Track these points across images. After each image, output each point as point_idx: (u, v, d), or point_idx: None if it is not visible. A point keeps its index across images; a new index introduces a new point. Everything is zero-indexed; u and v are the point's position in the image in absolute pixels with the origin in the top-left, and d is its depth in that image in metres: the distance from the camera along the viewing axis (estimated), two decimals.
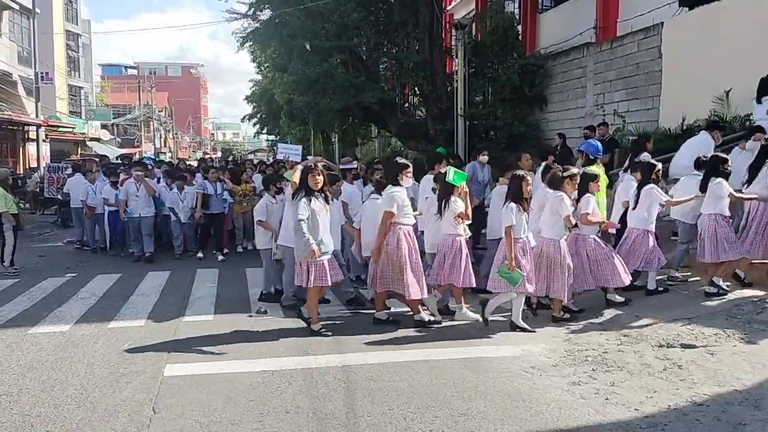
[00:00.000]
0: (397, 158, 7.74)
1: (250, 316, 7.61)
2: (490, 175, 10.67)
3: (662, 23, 12.79)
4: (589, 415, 4.47)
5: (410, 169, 7.04)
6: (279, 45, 19.51)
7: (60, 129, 34.45)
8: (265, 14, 19.52)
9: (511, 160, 9.15)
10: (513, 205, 6.54)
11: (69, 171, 17.12)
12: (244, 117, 43.76)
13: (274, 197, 8.62)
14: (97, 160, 21.59)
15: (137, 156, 37.57)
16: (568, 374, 5.30)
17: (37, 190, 21.11)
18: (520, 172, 6.85)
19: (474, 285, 7.16)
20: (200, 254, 11.96)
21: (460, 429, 4.31)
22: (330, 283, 6.72)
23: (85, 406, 4.78)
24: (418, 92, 19.77)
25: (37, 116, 28.28)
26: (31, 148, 29.98)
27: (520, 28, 18.96)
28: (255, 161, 20.80)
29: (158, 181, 13.13)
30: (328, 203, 6.79)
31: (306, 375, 5.38)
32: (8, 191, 10.92)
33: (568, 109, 15.92)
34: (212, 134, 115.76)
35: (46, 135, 31.44)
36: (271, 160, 32.83)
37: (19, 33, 32.12)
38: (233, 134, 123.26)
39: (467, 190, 7.16)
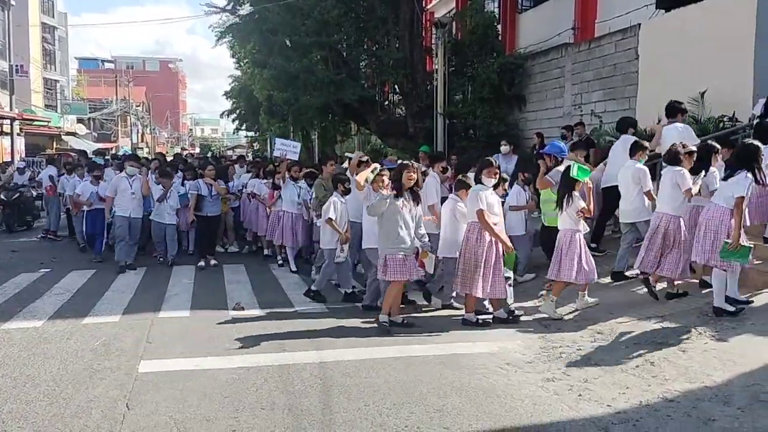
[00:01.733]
0: (486, 157, 7.65)
1: (223, 320, 7.57)
2: (515, 167, 10.51)
3: (639, 25, 12.93)
4: (562, 411, 4.52)
5: (494, 168, 7.06)
6: (259, 41, 19.37)
7: (35, 123, 33.91)
8: (245, 9, 19.39)
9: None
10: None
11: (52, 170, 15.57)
12: (223, 113, 43.28)
13: (342, 196, 8.28)
14: (73, 155, 21.33)
15: (114, 151, 37.16)
16: (543, 371, 5.35)
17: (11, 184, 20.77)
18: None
19: (589, 282, 7.21)
20: (202, 263, 10.54)
21: (436, 425, 4.33)
22: (412, 278, 6.91)
23: (57, 402, 4.73)
24: (398, 90, 19.79)
25: (11, 109, 27.87)
26: (5, 141, 29.50)
27: (499, 27, 19.04)
28: (234, 156, 20.70)
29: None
30: (417, 202, 6.86)
31: (282, 371, 5.38)
32: None
33: (547, 108, 16.03)
34: (191, 130, 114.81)
35: (21, 129, 30.94)
36: (251, 156, 32.68)
37: None
38: (212, 130, 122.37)
39: (590, 185, 7.25)
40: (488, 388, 4.98)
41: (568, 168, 7.13)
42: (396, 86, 19.63)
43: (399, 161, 9.89)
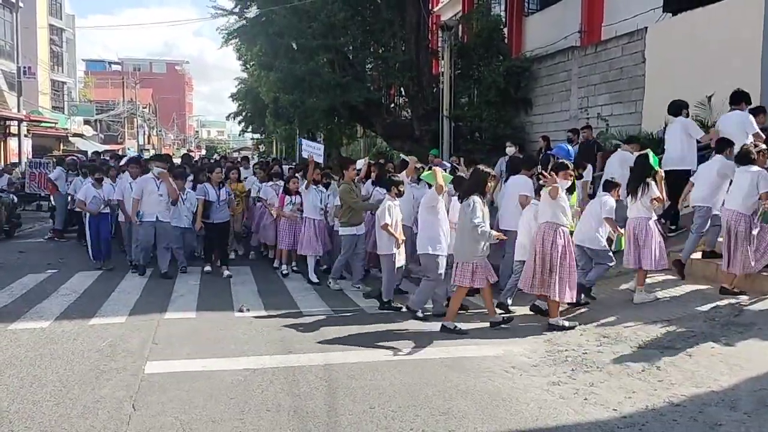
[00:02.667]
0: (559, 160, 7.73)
1: (229, 321, 7.58)
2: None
3: (646, 28, 12.92)
4: (568, 415, 4.51)
5: (570, 171, 7.08)
6: (265, 43, 19.43)
7: (42, 124, 34.11)
8: (252, 12, 19.44)
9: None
10: None
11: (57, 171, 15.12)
12: (229, 115, 43.49)
13: (395, 199, 7.89)
14: (79, 156, 21.34)
15: (120, 152, 37.26)
16: (548, 374, 5.35)
17: (18, 185, 20.85)
18: None
19: (667, 267, 7.29)
20: (208, 267, 10.10)
21: (441, 428, 4.33)
22: (492, 281, 6.84)
23: (64, 403, 4.75)
24: (404, 93, 19.83)
25: (19, 111, 28.00)
26: (13, 143, 29.67)
27: (506, 30, 19.05)
28: (239, 158, 20.53)
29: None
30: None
31: (288, 373, 5.38)
32: None
33: (553, 112, 16.03)
34: (197, 132, 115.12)
35: (28, 130, 31.11)
36: (256, 158, 32.72)
37: (2, 26, 31.82)
38: (218, 132, 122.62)
39: (662, 174, 7.34)
40: (493, 391, 4.98)
41: (644, 156, 7.15)
42: (402, 89, 19.67)
43: (441, 162, 9.72)
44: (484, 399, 4.82)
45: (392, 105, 20.62)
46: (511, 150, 10.55)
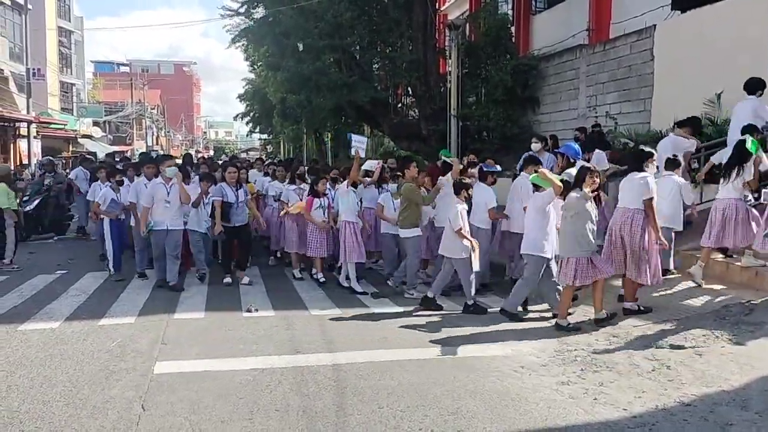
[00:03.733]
0: (642, 146, 7.80)
1: (237, 321, 7.59)
2: (555, 162, 10.44)
3: (654, 26, 12.86)
4: (577, 415, 4.49)
5: (655, 158, 7.16)
6: (272, 43, 19.46)
7: (51, 126, 34.26)
8: (259, 12, 19.48)
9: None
10: None
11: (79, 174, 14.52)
12: (237, 116, 43.62)
13: (464, 203, 7.75)
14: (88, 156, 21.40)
15: (129, 154, 37.42)
16: (558, 374, 5.33)
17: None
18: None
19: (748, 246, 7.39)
20: (228, 279, 9.27)
21: (450, 428, 4.32)
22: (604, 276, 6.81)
23: (74, 403, 4.76)
24: (411, 92, 19.80)
25: (28, 113, 28.13)
26: (22, 144, 29.81)
27: (513, 29, 19.00)
28: (249, 158, 20.47)
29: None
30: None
31: (296, 373, 5.39)
32: (10, 188, 10.90)
33: (561, 110, 15.97)
34: (204, 132, 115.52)
35: (38, 132, 31.26)
36: (265, 158, 32.79)
37: (11, 29, 31.97)
38: (226, 132, 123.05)
39: (763, 158, 7.42)
40: (502, 391, 4.97)
41: (743, 141, 7.26)
42: (409, 88, 19.64)
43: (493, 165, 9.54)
44: (493, 399, 4.80)
45: (399, 105, 20.59)
46: (536, 146, 10.46)
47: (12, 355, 5.93)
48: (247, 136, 63.13)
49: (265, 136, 52.45)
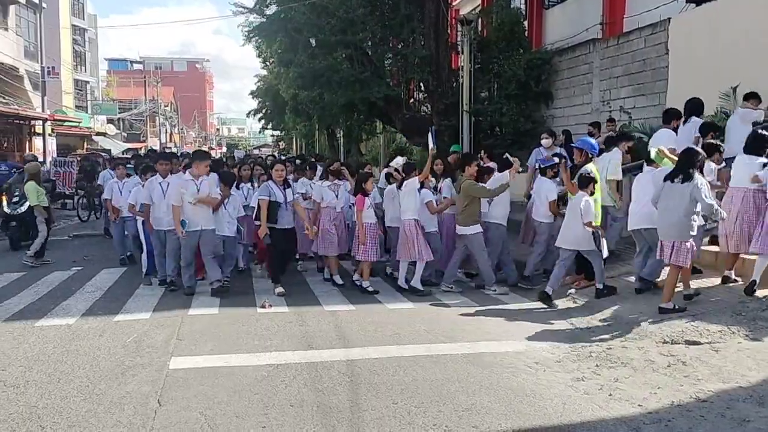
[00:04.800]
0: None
1: (252, 317, 7.63)
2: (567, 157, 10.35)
3: (669, 19, 12.74)
4: (592, 411, 4.47)
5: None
6: (284, 40, 19.48)
7: (66, 123, 34.55)
8: (271, 9, 19.50)
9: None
10: None
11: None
12: (250, 112, 43.77)
13: (589, 195, 7.72)
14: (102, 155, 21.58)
15: (143, 151, 37.66)
16: (572, 370, 5.31)
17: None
18: None
19: None
20: (280, 289, 8.37)
21: (464, 424, 4.32)
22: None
23: (91, 398, 4.81)
24: (423, 88, 19.75)
25: (43, 110, 28.39)
26: (38, 142, 30.08)
27: (525, 24, 18.90)
28: (260, 155, 20.46)
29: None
30: None
31: (310, 369, 5.41)
32: (40, 185, 11.05)
33: (574, 105, 15.89)
34: (217, 129, 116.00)
35: (53, 129, 31.54)
36: (277, 154, 32.87)
37: (26, 27, 32.20)
38: (238, 129, 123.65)
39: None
40: (517, 387, 4.96)
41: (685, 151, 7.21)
42: (421, 84, 19.58)
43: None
44: (508, 395, 4.79)
45: (411, 100, 20.55)
46: (546, 141, 10.41)
47: (30, 351, 5.99)
48: (259, 132, 63.51)
49: (277, 132, 52.59)
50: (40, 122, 28.87)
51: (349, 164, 11.69)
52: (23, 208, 11.86)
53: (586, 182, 7.66)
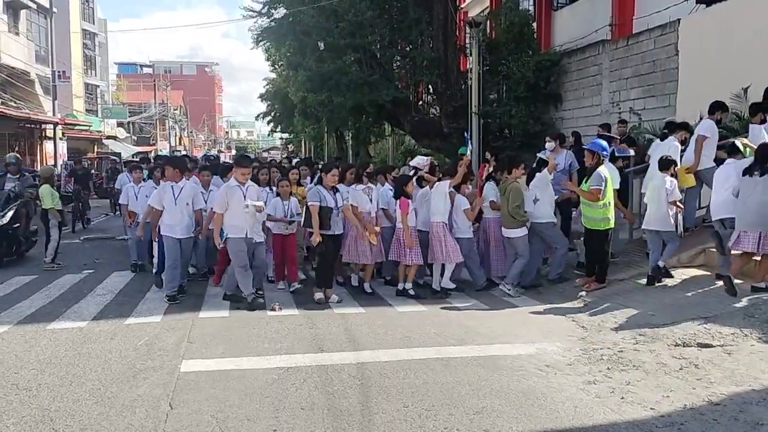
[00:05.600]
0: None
1: (262, 320, 7.63)
2: (573, 159, 10.19)
3: (679, 20, 12.68)
4: (604, 414, 4.45)
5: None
6: (293, 43, 19.55)
7: (76, 127, 34.79)
8: (280, 12, 19.57)
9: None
10: None
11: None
12: (258, 115, 43.98)
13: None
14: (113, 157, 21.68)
15: (152, 154, 37.82)
16: (584, 373, 5.28)
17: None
18: None
19: None
20: (320, 294, 8.10)
21: (475, 427, 4.31)
22: None
23: (102, 401, 4.83)
24: (431, 90, 19.74)
25: (54, 114, 28.58)
26: (48, 146, 30.30)
27: (534, 25, 18.86)
28: (280, 159, 20.27)
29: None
30: None
31: (321, 372, 5.41)
32: (53, 188, 11.13)
33: (583, 107, 15.83)
34: (226, 132, 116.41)
35: (63, 133, 31.74)
36: (285, 157, 32.99)
37: (37, 32, 32.45)
38: (247, 132, 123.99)
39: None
40: (528, 390, 4.94)
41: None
42: (430, 86, 19.58)
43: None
44: (519, 398, 4.78)
45: (420, 103, 20.54)
46: (550, 145, 10.39)
47: (42, 354, 6.03)
48: (268, 135, 63.57)
49: (286, 135, 52.78)
50: (51, 126, 29.06)
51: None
52: (5, 220, 10.86)
53: (667, 164, 8.00)
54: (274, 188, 9.21)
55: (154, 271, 9.24)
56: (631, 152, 9.16)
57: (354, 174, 9.10)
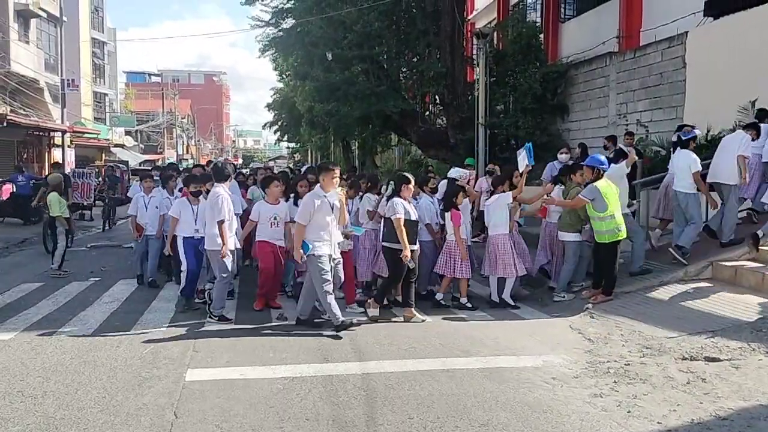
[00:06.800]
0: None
1: (267, 330, 7.63)
2: None
3: (686, 33, 12.71)
4: (611, 428, 4.42)
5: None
6: (301, 53, 19.68)
7: (85, 135, 34.96)
8: (288, 23, 19.69)
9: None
10: None
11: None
12: (266, 124, 44.19)
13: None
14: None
15: (160, 162, 37.97)
16: (590, 386, 5.25)
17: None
18: None
19: None
20: (424, 318, 7.64)
21: None
22: None
23: (108, 409, 4.83)
24: (438, 101, 19.81)
25: (62, 122, 28.71)
26: (57, 153, 30.42)
27: (542, 37, 18.92)
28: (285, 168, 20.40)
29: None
30: None
31: (326, 382, 5.39)
32: (62, 196, 11.19)
33: (590, 118, 15.85)
34: (233, 141, 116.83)
35: (71, 141, 31.88)
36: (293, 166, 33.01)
37: (47, 41, 32.70)
38: (254, 141, 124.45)
39: None
40: (534, 402, 4.91)
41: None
42: (436, 97, 19.65)
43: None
44: (525, 410, 4.75)
45: (427, 113, 20.61)
46: (564, 157, 10.39)
47: (47, 362, 6.03)
48: (275, 144, 63.85)
49: (293, 144, 52.93)
50: (60, 134, 29.21)
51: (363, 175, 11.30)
52: None
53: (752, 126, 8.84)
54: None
55: (180, 290, 8.35)
56: (698, 132, 9.15)
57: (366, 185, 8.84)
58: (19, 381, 5.48)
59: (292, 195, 8.76)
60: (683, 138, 9.05)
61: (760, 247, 7.89)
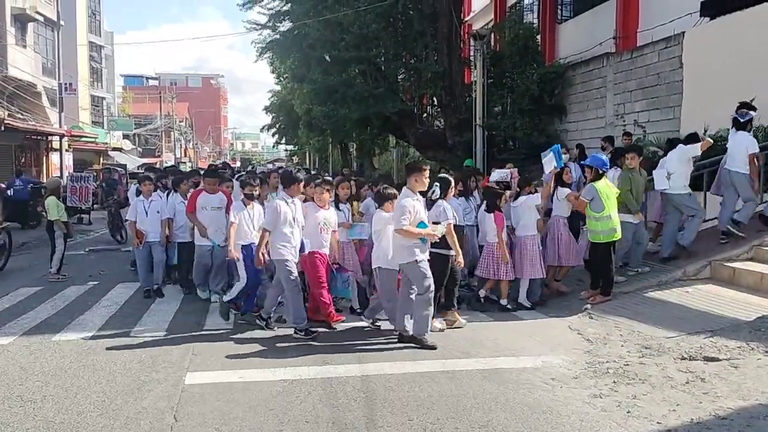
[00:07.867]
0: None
1: (267, 333, 7.62)
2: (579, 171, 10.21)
3: (683, 33, 12.73)
4: (610, 428, 4.43)
5: None
6: (298, 56, 19.68)
7: (82, 139, 34.93)
8: (285, 25, 19.71)
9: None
10: None
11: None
12: (263, 127, 44.21)
13: None
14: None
15: (158, 166, 37.93)
16: (590, 386, 5.26)
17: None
18: None
19: None
20: (441, 325, 7.20)
21: None
22: None
23: (107, 413, 4.82)
24: (436, 102, 19.83)
25: (60, 126, 28.68)
26: (54, 157, 30.40)
27: (539, 38, 18.94)
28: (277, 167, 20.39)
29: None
30: None
31: (325, 384, 5.39)
32: (59, 200, 11.19)
33: (588, 119, 15.87)
34: (231, 144, 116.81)
35: (69, 145, 31.86)
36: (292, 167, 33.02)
37: (44, 45, 32.68)
38: (252, 144, 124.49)
39: None
40: (533, 403, 4.91)
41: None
42: (434, 99, 19.67)
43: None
44: (524, 411, 4.76)
45: (424, 115, 20.63)
46: (564, 157, 10.38)
47: (46, 366, 6.03)
48: (273, 147, 63.88)
49: (291, 147, 52.93)
50: (57, 138, 29.18)
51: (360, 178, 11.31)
52: None
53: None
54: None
55: (227, 298, 7.70)
56: (753, 113, 9.10)
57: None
58: (18, 385, 5.47)
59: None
60: (741, 120, 8.95)
61: (759, 247, 7.89)
